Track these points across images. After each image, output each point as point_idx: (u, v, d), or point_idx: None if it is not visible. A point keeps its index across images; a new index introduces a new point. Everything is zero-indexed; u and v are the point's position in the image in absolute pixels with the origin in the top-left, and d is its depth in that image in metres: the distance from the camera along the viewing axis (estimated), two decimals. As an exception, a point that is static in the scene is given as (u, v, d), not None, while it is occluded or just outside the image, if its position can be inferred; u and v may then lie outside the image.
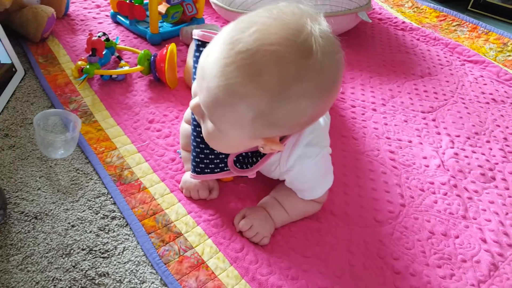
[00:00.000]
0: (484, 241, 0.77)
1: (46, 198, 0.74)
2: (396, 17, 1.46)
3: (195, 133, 0.72)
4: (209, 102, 0.56)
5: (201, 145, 0.72)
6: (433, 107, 1.08)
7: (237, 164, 0.73)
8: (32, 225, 0.70)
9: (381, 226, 0.77)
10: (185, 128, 0.80)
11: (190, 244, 0.70)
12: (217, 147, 0.66)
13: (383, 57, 1.27)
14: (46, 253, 0.66)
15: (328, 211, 0.78)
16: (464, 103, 1.11)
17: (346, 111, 1.04)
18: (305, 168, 0.69)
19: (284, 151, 0.69)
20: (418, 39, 1.35)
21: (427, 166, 0.91)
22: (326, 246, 0.72)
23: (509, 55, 1.33)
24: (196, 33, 0.68)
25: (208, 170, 0.74)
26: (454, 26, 1.46)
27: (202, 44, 0.67)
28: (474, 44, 1.35)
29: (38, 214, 0.71)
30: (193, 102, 0.61)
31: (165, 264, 0.66)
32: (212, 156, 0.72)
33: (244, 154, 0.72)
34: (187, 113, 0.79)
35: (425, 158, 0.93)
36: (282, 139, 0.66)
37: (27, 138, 0.84)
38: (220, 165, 0.73)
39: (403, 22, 1.43)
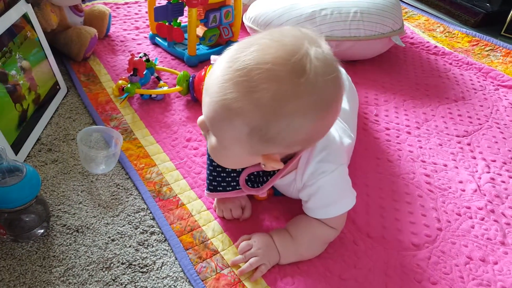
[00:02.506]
0: None
1: (87, 212, 0.76)
2: (428, 42, 1.47)
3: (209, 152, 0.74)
4: (210, 116, 0.59)
5: (213, 163, 0.73)
6: (467, 131, 1.07)
7: (249, 183, 0.73)
8: (74, 238, 0.72)
9: (418, 250, 0.76)
10: None
11: (226, 262, 0.70)
12: (221, 162, 0.67)
13: (416, 80, 1.27)
14: (87, 266, 0.68)
15: (365, 233, 0.77)
16: (499, 128, 1.10)
17: (381, 133, 1.04)
18: (320, 184, 0.68)
19: (298, 170, 0.69)
20: (450, 64, 1.34)
21: (463, 190, 0.90)
22: (364, 269, 0.71)
23: (544, 81, 1.31)
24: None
25: (221, 189, 0.75)
26: (487, 51, 1.45)
27: None
28: (508, 69, 1.33)
29: (80, 228, 0.73)
30: (200, 118, 0.64)
31: (203, 280, 0.67)
32: (224, 174, 0.73)
33: (255, 173, 0.72)
34: None
35: (461, 182, 0.92)
36: (291, 158, 0.67)
37: (69, 153, 0.87)
38: (232, 184, 0.74)
39: (436, 47, 1.43)
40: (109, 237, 0.72)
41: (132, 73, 0.96)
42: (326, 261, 0.72)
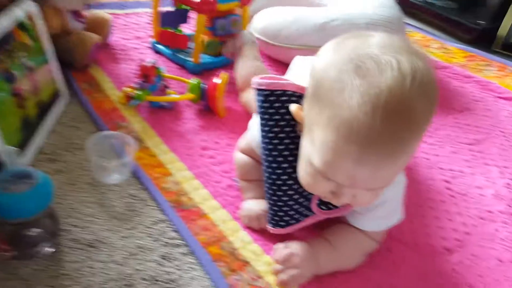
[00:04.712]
0: None
1: (100, 225, 0.70)
2: (426, 54, 1.49)
3: (270, 181, 0.67)
4: None
5: (278, 193, 0.67)
6: (477, 139, 1.08)
7: (322, 206, 0.68)
8: (87, 253, 0.65)
9: (451, 255, 0.75)
10: (240, 158, 0.77)
11: (259, 273, 0.65)
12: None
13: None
14: (105, 283, 0.61)
15: (397, 240, 0.75)
16: (505, 137, 1.11)
17: (394, 142, 1.03)
18: (388, 195, 0.64)
19: None
20: (449, 77, 1.37)
21: (482, 195, 0.90)
22: (401, 276, 0.69)
23: (539, 93, 1.35)
24: (260, 82, 0.64)
25: (294, 221, 0.69)
26: (482, 66, 1.49)
27: (270, 94, 0.63)
28: (504, 83, 1.37)
29: (93, 242, 0.67)
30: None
31: (237, 293, 0.62)
32: (291, 203, 0.67)
33: None
34: (243, 143, 0.77)
35: (479, 187, 0.92)
36: None
37: (75, 163, 0.80)
38: (304, 212, 0.69)
39: (436, 61, 1.46)
40: (127, 252, 0.66)
41: (143, 79, 0.92)
42: (363, 270, 0.69)
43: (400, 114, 0.48)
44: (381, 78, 0.47)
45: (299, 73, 0.79)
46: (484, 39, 1.71)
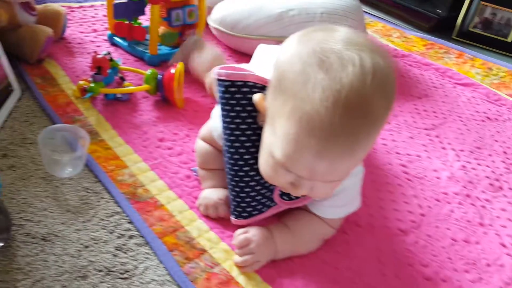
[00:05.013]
0: (504, 245, 0.79)
1: (54, 219, 0.68)
2: (387, 45, 1.52)
3: (232, 172, 0.67)
4: None
5: (240, 184, 0.67)
6: (434, 124, 1.11)
7: (284, 197, 0.69)
8: (41, 247, 0.64)
9: (406, 235, 0.77)
10: (201, 146, 0.77)
11: (216, 260, 0.66)
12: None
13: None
14: (59, 276, 0.60)
15: (354, 223, 0.76)
16: (462, 121, 1.15)
17: (353, 128, 1.04)
18: (346, 184, 0.65)
19: None
20: (410, 65, 1.40)
21: (439, 178, 0.92)
22: (356, 258, 0.71)
23: (495, 79, 1.40)
24: (220, 73, 0.63)
25: (256, 212, 0.69)
26: (441, 53, 1.53)
27: (231, 85, 0.63)
28: (462, 69, 1.41)
29: (47, 236, 0.65)
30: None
31: (192, 281, 0.62)
32: (254, 194, 0.67)
33: None
34: (205, 131, 0.76)
35: (435, 170, 0.94)
36: None
37: (28, 158, 0.78)
38: (267, 203, 0.69)
39: (395, 49, 1.48)
40: (81, 244, 0.65)
41: (96, 71, 0.90)
42: (319, 253, 0.70)
43: (359, 109, 0.49)
44: (343, 74, 0.48)
45: (263, 61, 0.80)
46: (443, 28, 1.75)
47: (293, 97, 0.51)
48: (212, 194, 0.73)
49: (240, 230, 0.68)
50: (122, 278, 0.62)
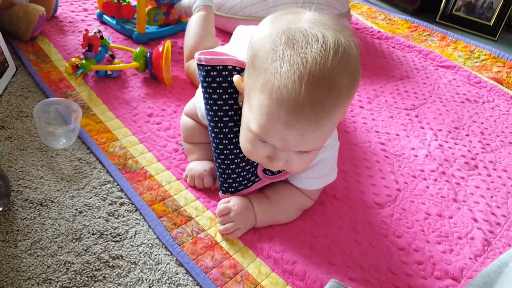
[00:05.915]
0: (475, 220, 0.83)
1: (50, 186, 0.73)
2: (371, 27, 1.55)
3: (218, 151, 0.71)
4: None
5: (226, 162, 0.71)
6: (414, 105, 1.15)
7: (267, 172, 0.73)
8: (38, 211, 0.68)
9: (381, 208, 0.81)
10: (186, 121, 0.81)
11: (202, 227, 0.70)
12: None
13: (364, 61, 1.33)
14: (55, 238, 0.65)
15: (331, 195, 0.81)
16: (441, 102, 1.18)
17: (336, 107, 1.08)
18: (322, 157, 0.70)
19: None
20: (393, 47, 1.43)
21: (416, 156, 0.96)
22: (333, 227, 0.75)
23: (476, 62, 1.44)
24: (200, 58, 0.66)
25: (242, 187, 0.73)
26: (425, 36, 1.56)
27: (212, 69, 0.66)
28: (444, 52, 1.45)
29: (43, 201, 0.70)
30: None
31: (179, 245, 0.66)
32: (239, 170, 0.71)
33: None
34: (189, 107, 0.80)
35: (413, 149, 0.98)
36: None
37: (25, 130, 0.82)
38: (251, 178, 0.73)
39: (379, 32, 1.51)
40: (76, 209, 0.70)
41: (87, 49, 0.93)
42: (297, 222, 0.74)
43: (322, 83, 0.53)
44: (307, 50, 0.53)
45: (241, 44, 0.83)
46: (427, 11, 1.79)
47: (264, 73, 0.56)
48: (198, 166, 0.77)
49: (222, 200, 0.73)
50: (114, 241, 0.66)
